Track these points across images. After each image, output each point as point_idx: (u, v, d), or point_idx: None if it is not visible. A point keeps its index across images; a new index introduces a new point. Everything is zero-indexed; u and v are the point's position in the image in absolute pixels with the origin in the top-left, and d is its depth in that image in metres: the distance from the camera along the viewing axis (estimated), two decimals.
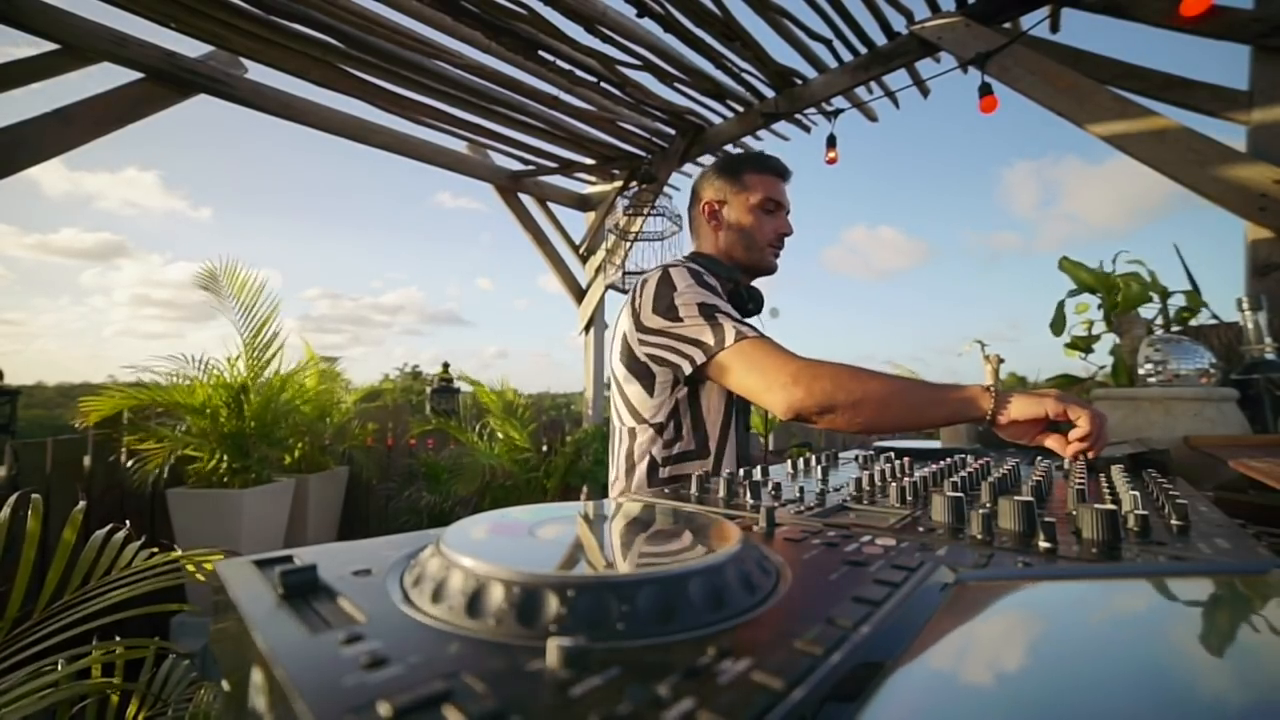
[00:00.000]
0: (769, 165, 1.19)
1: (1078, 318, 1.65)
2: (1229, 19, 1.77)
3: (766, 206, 1.16)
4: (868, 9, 2.37)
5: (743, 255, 1.17)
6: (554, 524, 0.34)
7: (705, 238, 1.20)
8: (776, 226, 1.17)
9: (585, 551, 0.31)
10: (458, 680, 0.17)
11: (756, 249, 1.16)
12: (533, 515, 0.36)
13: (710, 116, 3.24)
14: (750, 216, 1.15)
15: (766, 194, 1.16)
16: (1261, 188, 1.57)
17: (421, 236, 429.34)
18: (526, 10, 2.24)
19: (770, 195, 1.16)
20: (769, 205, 1.16)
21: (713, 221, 1.18)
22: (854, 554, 0.32)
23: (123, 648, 1.12)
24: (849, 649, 0.19)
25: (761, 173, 1.17)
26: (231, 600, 0.24)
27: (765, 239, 1.16)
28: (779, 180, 1.19)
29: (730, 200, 1.17)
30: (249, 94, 2.67)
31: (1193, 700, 0.17)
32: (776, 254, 1.19)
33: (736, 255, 1.17)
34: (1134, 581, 0.28)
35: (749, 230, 1.15)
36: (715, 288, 1.03)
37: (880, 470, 0.62)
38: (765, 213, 1.16)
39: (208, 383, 2.72)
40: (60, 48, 2.19)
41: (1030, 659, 0.20)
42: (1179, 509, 0.43)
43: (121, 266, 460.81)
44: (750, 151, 1.20)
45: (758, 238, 1.15)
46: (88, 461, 2.58)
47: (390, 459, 3.94)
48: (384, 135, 3.20)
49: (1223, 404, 1.06)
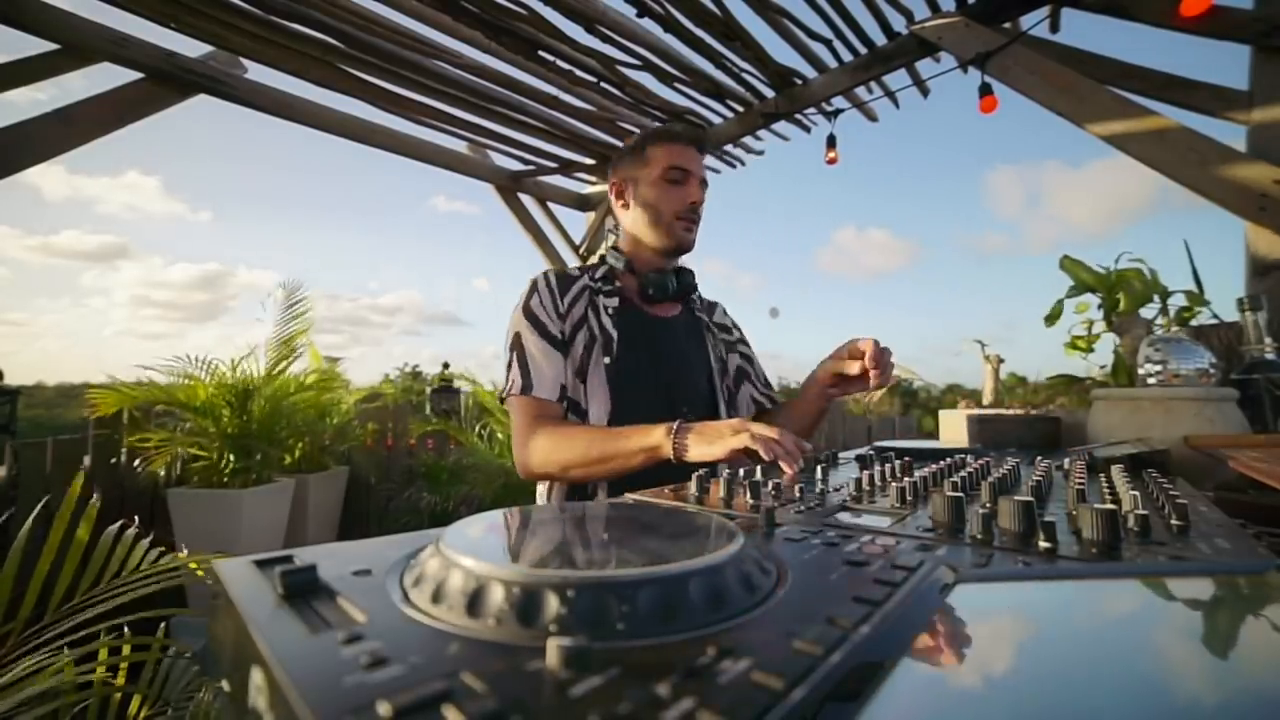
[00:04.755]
0: (673, 133, 1.13)
1: (1078, 317, 1.64)
2: (1229, 19, 1.77)
3: (671, 176, 1.09)
4: (868, 9, 2.37)
5: (651, 233, 1.11)
6: (554, 524, 0.34)
7: (621, 222, 1.17)
8: (684, 195, 1.09)
9: (585, 551, 0.31)
10: (458, 680, 0.17)
11: (663, 223, 1.10)
12: (532, 515, 0.36)
13: (710, 116, 3.23)
14: (654, 190, 1.09)
15: (670, 162, 1.09)
16: (1261, 188, 1.57)
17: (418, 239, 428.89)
18: (526, 10, 2.24)
19: (674, 163, 1.09)
20: (674, 174, 1.09)
21: (620, 201, 1.15)
22: (854, 554, 0.32)
23: (129, 646, 1.12)
24: (849, 649, 0.19)
25: (665, 142, 1.11)
26: (231, 600, 0.24)
27: (672, 210, 1.09)
28: (686, 146, 1.11)
29: (636, 177, 1.12)
30: (249, 94, 2.67)
31: (1193, 700, 0.17)
32: (688, 227, 1.11)
33: (645, 235, 1.12)
34: (1134, 581, 0.28)
35: (654, 205, 1.09)
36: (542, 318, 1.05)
37: (880, 470, 0.62)
38: (670, 183, 1.09)
39: (210, 383, 2.72)
40: (60, 48, 2.19)
41: (1030, 659, 0.20)
42: (1179, 509, 0.43)
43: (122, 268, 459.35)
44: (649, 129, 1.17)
45: (664, 211, 1.09)
46: (88, 461, 2.58)
47: (390, 459, 3.94)
48: (384, 135, 3.20)
49: (1223, 404, 1.06)
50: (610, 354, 1.05)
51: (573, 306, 1.08)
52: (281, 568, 0.25)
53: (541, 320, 1.05)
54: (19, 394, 3.02)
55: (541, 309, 1.06)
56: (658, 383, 1.09)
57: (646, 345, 1.11)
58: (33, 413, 5.20)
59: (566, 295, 1.09)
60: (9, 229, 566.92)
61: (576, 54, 2.53)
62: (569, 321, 1.07)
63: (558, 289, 1.09)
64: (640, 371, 1.07)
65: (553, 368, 1.03)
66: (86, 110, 2.27)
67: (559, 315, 1.06)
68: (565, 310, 1.07)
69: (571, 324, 1.07)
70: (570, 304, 1.08)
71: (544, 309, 1.06)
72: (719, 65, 2.70)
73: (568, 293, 1.09)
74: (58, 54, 2.20)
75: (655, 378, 1.09)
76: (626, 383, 1.05)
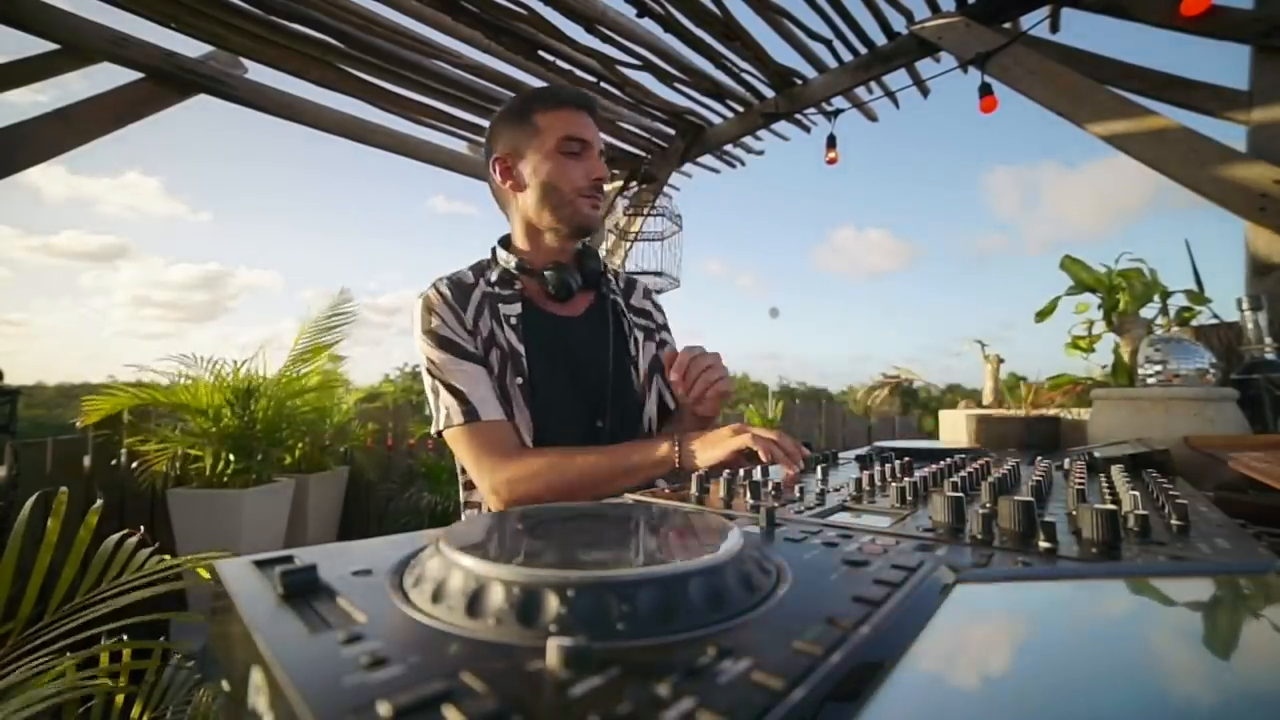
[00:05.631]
0: (563, 97, 0.99)
1: (1078, 317, 1.65)
2: (1229, 19, 1.77)
3: (568, 148, 0.96)
4: (868, 9, 2.37)
5: (551, 215, 0.98)
6: (553, 524, 0.34)
7: (508, 204, 1.03)
8: (587, 170, 0.97)
9: (585, 551, 0.31)
10: (458, 680, 0.17)
11: (565, 202, 0.97)
12: (532, 515, 0.36)
13: (710, 116, 3.23)
14: (549, 164, 0.96)
15: (566, 132, 0.96)
16: (1261, 188, 1.57)
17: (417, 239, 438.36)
18: (526, 10, 2.24)
19: (570, 133, 0.96)
20: (571, 146, 0.96)
21: (508, 181, 0.99)
22: (854, 554, 0.32)
23: (129, 649, 1.12)
24: (849, 649, 0.19)
25: (554, 108, 0.97)
26: (231, 600, 0.24)
27: (573, 187, 0.97)
28: (578, 112, 0.98)
29: (524, 150, 0.97)
30: (249, 94, 2.67)
31: (1193, 700, 0.17)
32: (593, 204, 0.99)
33: (542, 218, 0.99)
34: (1134, 582, 0.28)
35: (552, 182, 0.96)
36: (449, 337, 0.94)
37: (880, 470, 0.62)
38: (568, 155, 0.96)
39: (211, 383, 2.72)
40: (60, 48, 2.19)
41: (1030, 659, 0.20)
42: (1179, 509, 0.43)
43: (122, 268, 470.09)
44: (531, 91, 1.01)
45: (564, 188, 0.96)
46: (88, 461, 2.58)
47: (390, 459, 3.94)
48: (384, 135, 3.20)
49: (1223, 404, 1.06)
50: (522, 373, 0.95)
51: (478, 320, 0.97)
52: (281, 568, 0.25)
53: (454, 340, 0.94)
54: (19, 394, 3.02)
55: (447, 328, 0.95)
56: (577, 395, 1.00)
57: (559, 354, 1.00)
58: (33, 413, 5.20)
59: (468, 308, 0.97)
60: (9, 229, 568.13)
61: (576, 54, 2.53)
62: (479, 338, 0.96)
63: (456, 303, 0.96)
64: (557, 385, 0.98)
65: (486, 386, 0.93)
66: (86, 110, 2.27)
67: (468, 332, 0.96)
68: (472, 325, 0.96)
69: (482, 340, 0.96)
70: (475, 318, 0.97)
71: (449, 327, 0.95)
72: (719, 65, 2.70)
73: (468, 305, 0.97)
74: (58, 54, 2.20)
75: (573, 389, 1.00)
76: (545, 401, 0.96)
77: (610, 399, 1.02)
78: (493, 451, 0.90)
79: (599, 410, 1.01)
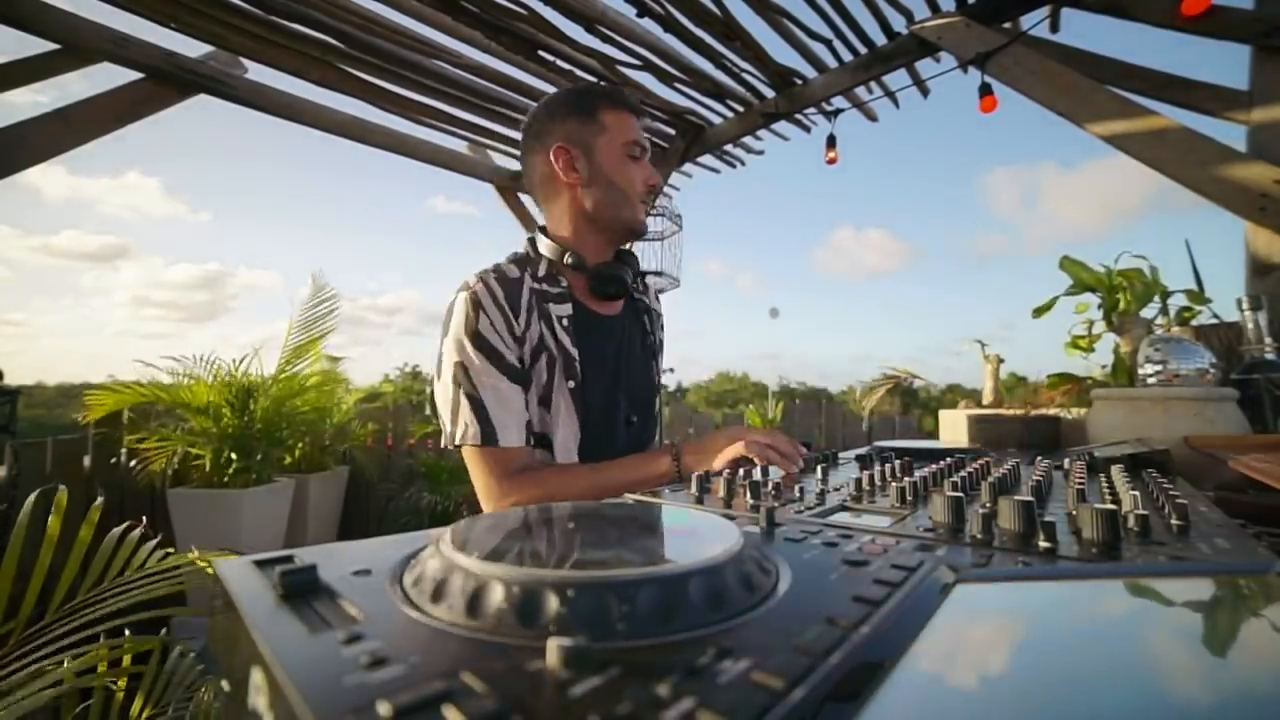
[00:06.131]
0: (629, 101, 0.99)
1: (1078, 317, 1.64)
2: (1229, 19, 1.77)
3: (632, 151, 0.97)
4: (868, 9, 2.37)
5: (610, 213, 0.97)
6: (553, 524, 0.34)
7: (559, 197, 0.99)
8: (645, 176, 0.98)
9: (585, 551, 0.31)
10: (458, 680, 0.17)
11: (627, 203, 0.97)
12: (532, 515, 0.36)
13: (710, 116, 3.23)
14: (617, 164, 0.95)
15: (632, 136, 0.97)
16: (1261, 188, 1.57)
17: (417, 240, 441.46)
18: (526, 10, 2.24)
19: (635, 137, 0.97)
20: (634, 150, 0.97)
21: (572, 174, 0.96)
22: (854, 554, 0.32)
23: (129, 644, 1.12)
24: (849, 649, 0.19)
25: (621, 109, 0.97)
26: (232, 600, 0.24)
27: (635, 190, 0.97)
28: (638, 119, 0.99)
29: (592, 145, 0.95)
30: (249, 94, 2.67)
31: (1193, 701, 0.17)
32: (647, 209, 1.01)
33: (601, 214, 0.97)
34: (1134, 582, 0.28)
35: (618, 181, 0.95)
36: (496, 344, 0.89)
37: (880, 470, 0.62)
38: (631, 159, 0.97)
39: (211, 383, 2.72)
40: (60, 48, 2.19)
41: (1030, 659, 0.20)
42: (1179, 509, 0.43)
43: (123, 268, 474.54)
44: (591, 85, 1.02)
45: (628, 189, 0.96)
46: (88, 461, 2.58)
47: (390, 459, 3.94)
48: (384, 135, 3.20)
49: (1223, 404, 1.06)
50: (574, 376, 0.94)
51: (529, 324, 0.93)
52: (281, 568, 0.25)
53: (496, 349, 0.88)
54: (19, 394, 3.02)
55: (494, 333, 0.89)
56: (617, 395, 1.01)
57: (607, 356, 1.01)
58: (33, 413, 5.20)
59: (519, 309, 0.92)
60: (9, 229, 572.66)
61: (576, 54, 2.53)
62: (527, 345, 0.92)
63: (507, 303, 0.91)
64: (603, 388, 0.98)
65: (515, 407, 0.89)
66: (86, 110, 2.28)
67: (515, 339, 0.91)
68: (522, 332, 0.91)
69: (531, 347, 0.92)
70: (526, 320, 0.92)
71: (497, 333, 0.89)
72: (719, 65, 2.70)
73: (519, 305, 0.92)
74: (58, 54, 2.20)
75: (615, 390, 1.01)
76: (592, 403, 0.95)
77: (643, 397, 1.06)
78: (501, 479, 0.88)
79: (634, 408, 1.03)
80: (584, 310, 1.00)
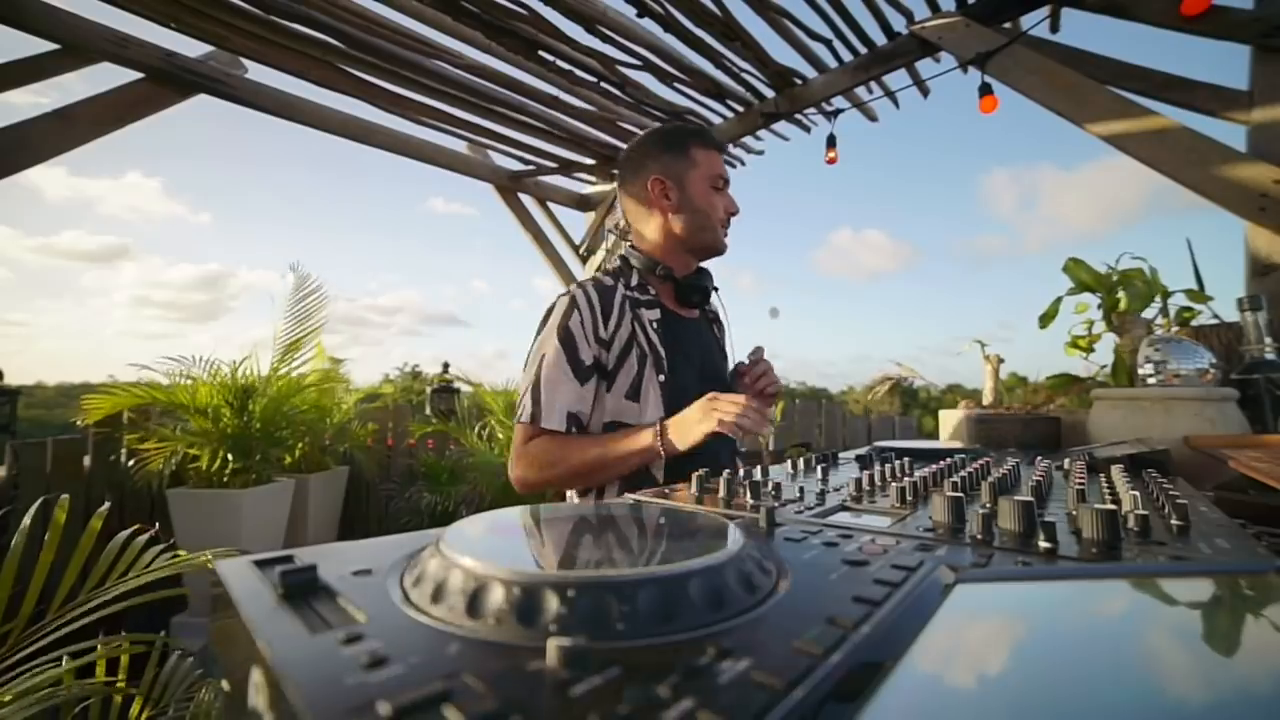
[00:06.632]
0: (715, 140, 1.17)
1: (1077, 317, 1.64)
2: (1229, 19, 1.77)
3: (716, 184, 1.13)
4: (868, 9, 2.37)
5: (696, 236, 1.13)
6: (553, 524, 0.34)
7: (652, 219, 1.15)
8: (727, 204, 1.15)
9: (585, 551, 0.31)
10: (458, 680, 0.17)
11: (710, 227, 1.13)
12: (532, 515, 0.36)
13: (710, 116, 3.23)
14: (703, 194, 1.12)
15: (717, 170, 1.14)
16: (1261, 188, 1.57)
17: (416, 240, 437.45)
18: (526, 10, 2.24)
19: (719, 172, 1.14)
20: (718, 182, 1.14)
21: (665, 201, 1.12)
22: (854, 554, 0.32)
23: (127, 643, 1.12)
24: (849, 649, 0.19)
25: (709, 148, 1.15)
26: (232, 600, 0.24)
27: (718, 217, 1.14)
28: (720, 155, 1.17)
29: (682, 176, 1.12)
30: (249, 94, 2.67)
31: (1193, 700, 0.17)
32: (726, 233, 1.17)
33: (689, 237, 1.13)
34: (1134, 582, 0.28)
35: (704, 209, 1.12)
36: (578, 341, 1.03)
37: (880, 470, 0.62)
38: (715, 190, 1.13)
39: (211, 383, 2.72)
40: (60, 48, 2.19)
41: (1030, 659, 0.20)
42: (1179, 509, 0.43)
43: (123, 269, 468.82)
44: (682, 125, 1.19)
45: (712, 216, 1.12)
46: (88, 461, 2.58)
47: (390, 459, 3.94)
48: (384, 135, 3.20)
49: (1223, 404, 1.06)
50: (663, 370, 1.07)
51: (618, 327, 1.07)
52: (281, 568, 0.25)
53: (576, 342, 1.03)
54: (19, 394, 3.02)
55: (580, 330, 1.04)
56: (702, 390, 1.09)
57: (692, 354, 1.15)
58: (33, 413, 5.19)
59: (610, 315, 1.07)
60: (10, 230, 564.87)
61: (576, 54, 2.53)
62: (615, 345, 1.06)
63: (600, 308, 1.06)
64: (688, 382, 1.10)
65: (565, 397, 1.01)
66: (86, 110, 2.28)
67: (599, 340, 1.05)
68: (610, 334, 1.06)
69: (620, 346, 1.06)
70: (615, 324, 1.07)
71: (583, 330, 1.04)
72: (719, 65, 2.70)
73: (610, 311, 1.07)
74: (58, 54, 2.20)
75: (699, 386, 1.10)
76: (678, 396, 1.05)
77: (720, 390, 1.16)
78: (518, 448, 1.03)
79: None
80: (670, 315, 1.15)
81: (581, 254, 4.17)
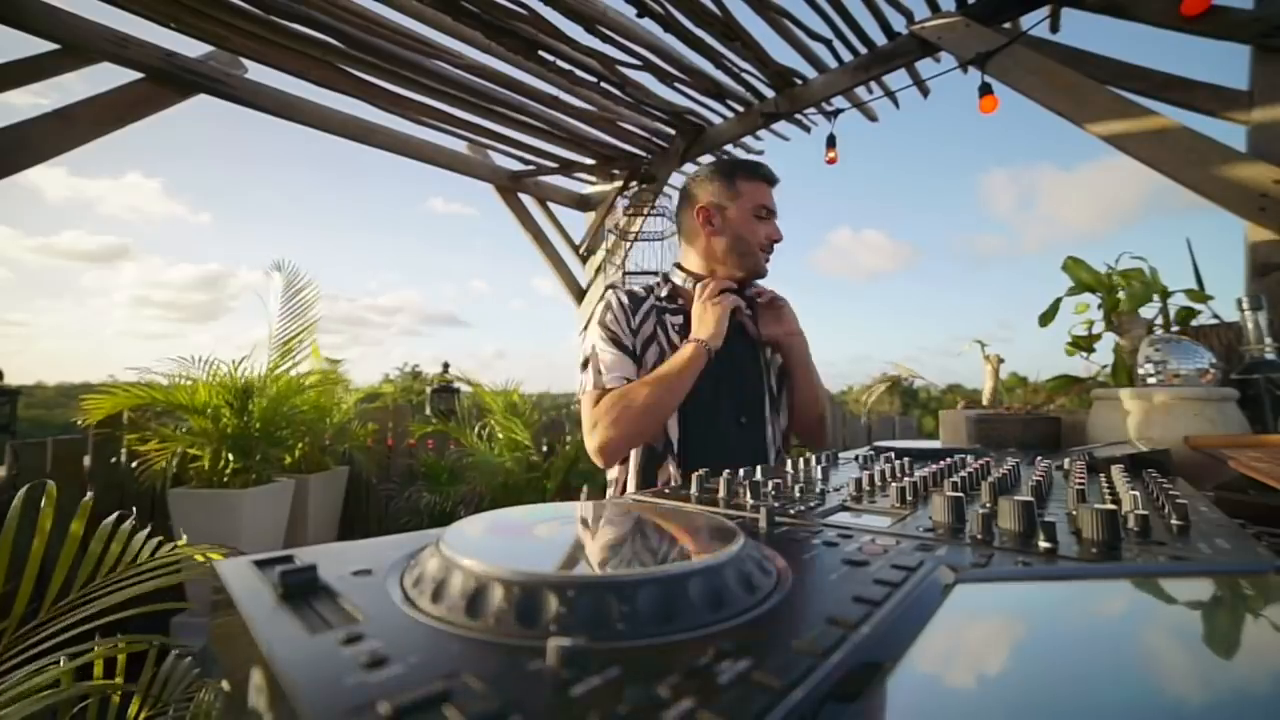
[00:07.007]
0: (761, 172, 1.26)
1: (1077, 317, 1.64)
2: (1229, 19, 1.77)
3: (759, 213, 1.23)
4: (868, 9, 2.37)
5: (735, 260, 1.24)
6: (553, 524, 0.34)
7: (697, 243, 1.27)
8: (768, 232, 1.24)
9: (585, 551, 0.31)
10: (458, 680, 0.17)
11: (750, 253, 1.23)
12: (532, 515, 0.36)
13: (710, 116, 3.23)
14: (744, 222, 1.22)
15: (761, 201, 1.23)
16: (1261, 188, 1.57)
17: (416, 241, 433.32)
18: (526, 10, 2.24)
19: (763, 202, 1.23)
20: (761, 212, 1.23)
21: (708, 226, 1.24)
22: (854, 554, 0.32)
23: (125, 644, 1.12)
24: (849, 649, 0.19)
25: (754, 179, 1.25)
26: (231, 600, 0.24)
27: (758, 244, 1.23)
28: (769, 187, 1.27)
29: (726, 205, 1.23)
30: (249, 94, 2.67)
31: (1192, 699, 0.17)
32: (768, 258, 1.27)
33: (728, 260, 1.24)
34: (1134, 582, 0.28)
35: (743, 235, 1.22)
36: (615, 330, 1.19)
37: (880, 470, 0.62)
38: (758, 219, 1.23)
39: (210, 383, 2.71)
40: (60, 48, 2.19)
41: (1030, 659, 0.20)
42: (1179, 509, 0.43)
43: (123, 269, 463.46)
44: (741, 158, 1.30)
45: (752, 243, 1.23)
46: (88, 461, 2.58)
47: (390, 459, 3.94)
48: (384, 135, 3.20)
49: (1223, 404, 1.06)
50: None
51: (643, 324, 1.22)
52: (281, 568, 0.25)
53: (614, 331, 1.19)
54: (19, 394, 3.02)
55: (615, 323, 1.20)
56: (718, 393, 1.20)
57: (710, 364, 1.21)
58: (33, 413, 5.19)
59: (638, 313, 1.22)
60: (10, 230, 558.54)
61: (576, 54, 2.53)
62: (640, 337, 1.21)
63: (629, 306, 1.22)
64: (704, 384, 1.15)
65: (618, 367, 1.16)
66: (86, 110, 2.27)
67: (630, 330, 1.21)
68: (637, 326, 1.21)
69: (642, 340, 1.20)
70: (640, 321, 1.22)
71: (617, 323, 1.20)
72: (719, 65, 2.70)
73: (638, 310, 1.23)
74: (58, 54, 2.20)
75: (716, 389, 1.19)
76: (693, 396, 1.13)
77: (753, 402, 1.26)
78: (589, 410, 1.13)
79: (743, 410, 1.24)
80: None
81: (581, 254, 4.17)
